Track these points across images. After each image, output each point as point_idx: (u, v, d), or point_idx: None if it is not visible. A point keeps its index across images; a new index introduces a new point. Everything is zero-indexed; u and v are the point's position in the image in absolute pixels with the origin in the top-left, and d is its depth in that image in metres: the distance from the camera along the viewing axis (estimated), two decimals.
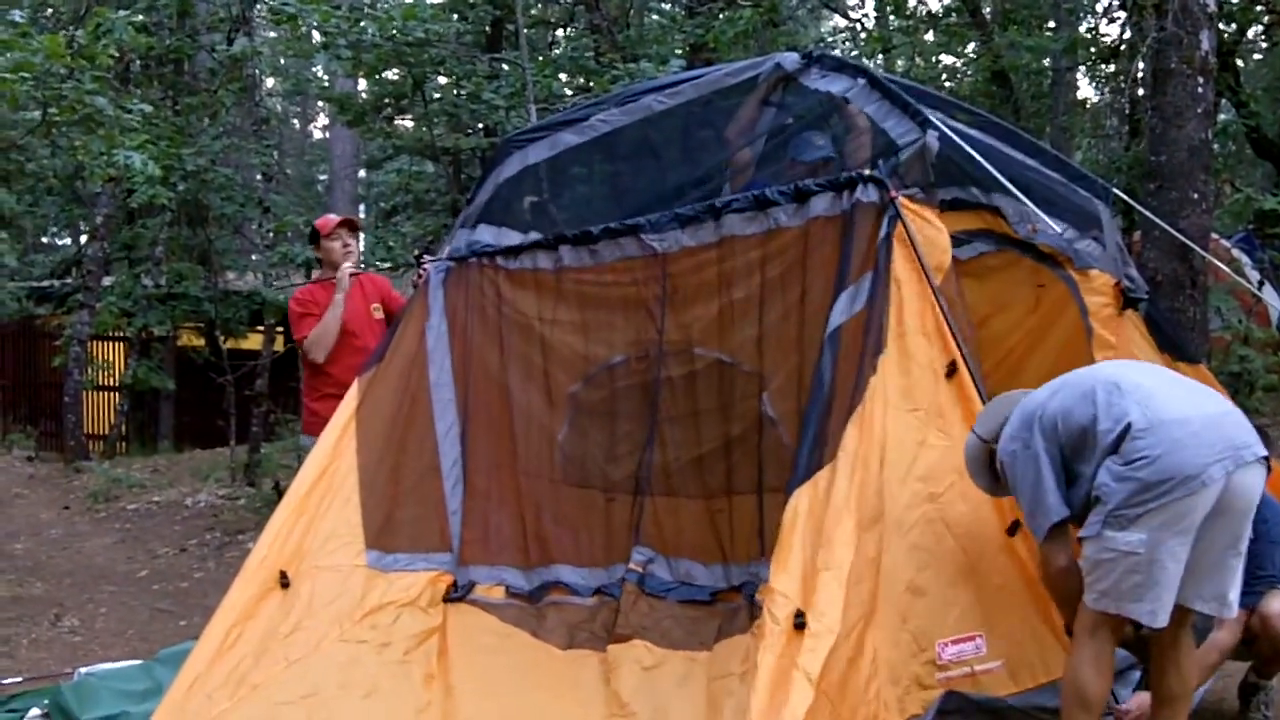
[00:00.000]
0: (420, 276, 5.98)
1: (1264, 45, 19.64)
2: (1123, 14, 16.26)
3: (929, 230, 4.89)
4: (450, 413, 5.75)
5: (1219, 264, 7.76)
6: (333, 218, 7.13)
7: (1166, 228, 7.54)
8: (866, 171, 4.89)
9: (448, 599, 5.44)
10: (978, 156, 5.06)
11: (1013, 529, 4.64)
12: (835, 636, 4.12)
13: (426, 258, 6.11)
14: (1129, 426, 4.01)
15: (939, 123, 5.02)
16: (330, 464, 5.53)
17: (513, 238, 5.91)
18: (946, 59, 18.85)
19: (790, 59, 5.49)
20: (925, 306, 4.75)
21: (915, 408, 4.67)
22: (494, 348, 5.81)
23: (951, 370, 4.72)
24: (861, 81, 5.27)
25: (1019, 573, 4.64)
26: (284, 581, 5.21)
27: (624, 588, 5.37)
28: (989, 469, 4.50)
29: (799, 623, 4.13)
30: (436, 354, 5.79)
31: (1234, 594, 4.17)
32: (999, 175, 5.09)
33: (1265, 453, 4.09)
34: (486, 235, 5.92)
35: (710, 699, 4.77)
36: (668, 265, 5.41)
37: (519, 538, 5.70)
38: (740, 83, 5.64)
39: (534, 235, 5.89)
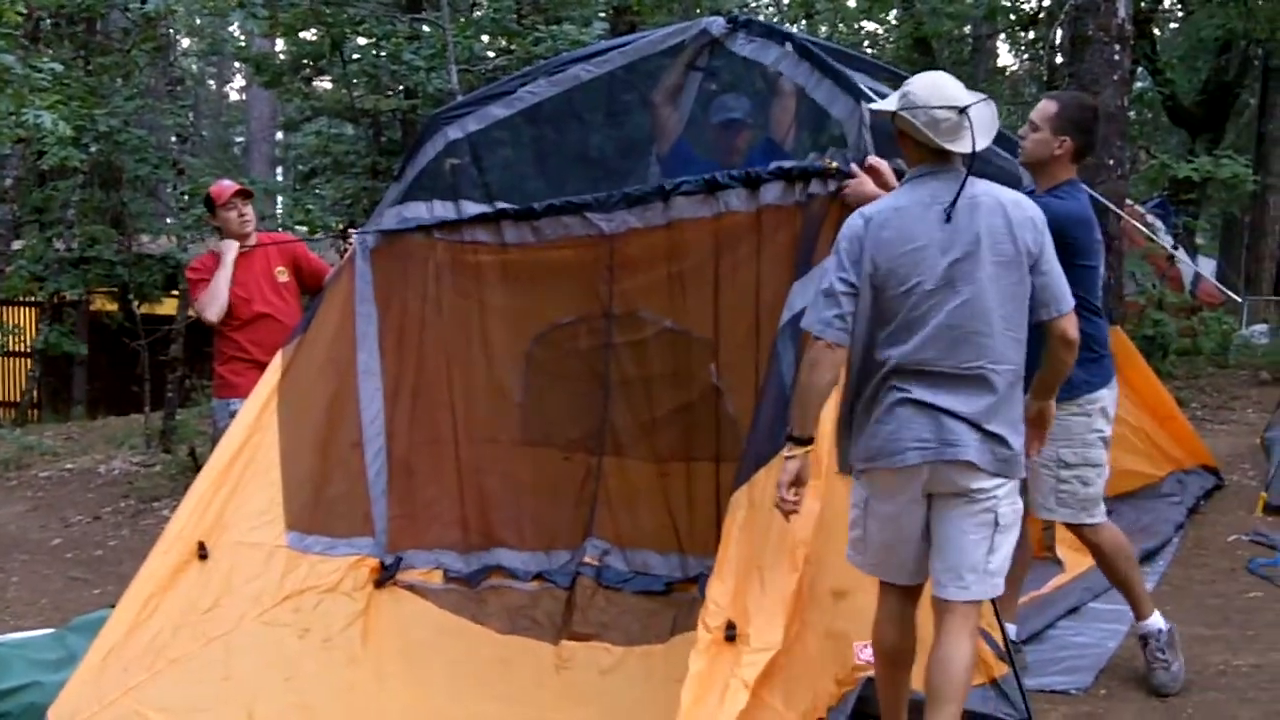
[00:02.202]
0: (347, 249, 5.91)
1: (1180, 14, 19.88)
2: None
3: None
4: (377, 399, 5.71)
5: (1138, 225, 7.86)
6: (227, 185, 7.00)
7: (1092, 192, 7.61)
8: (829, 163, 4.76)
9: (378, 584, 5.42)
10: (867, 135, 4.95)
11: None
12: (775, 652, 4.13)
13: (353, 231, 6.05)
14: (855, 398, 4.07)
15: (866, 90, 4.98)
16: (252, 436, 5.47)
17: (446, 209, 5.81)
18: (869, 25, 18.92)
19: (717, 24, 5.43)
20: None
21: None
22: (436, 322, 5.74)
23: None
24: (790, 49, 5.22)
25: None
26: (202, 553, 5.17)
27: (579, 582, 5.33)
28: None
29: (730, 634, 4.16)
30: (366, 338, 5.74)
31: (968, 570, 3.97)
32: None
33: (968, 457, 3.89)
34: (420, 211, 5.82)
35: (668, 701, 4.75)
36: (614, 245, 5.33)
37: (459, 518, 5.66)
38: (667, 48, 5.57)
39: (466, 204, 5.79)
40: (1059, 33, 12.31)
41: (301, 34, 13.46)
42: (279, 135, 27.04)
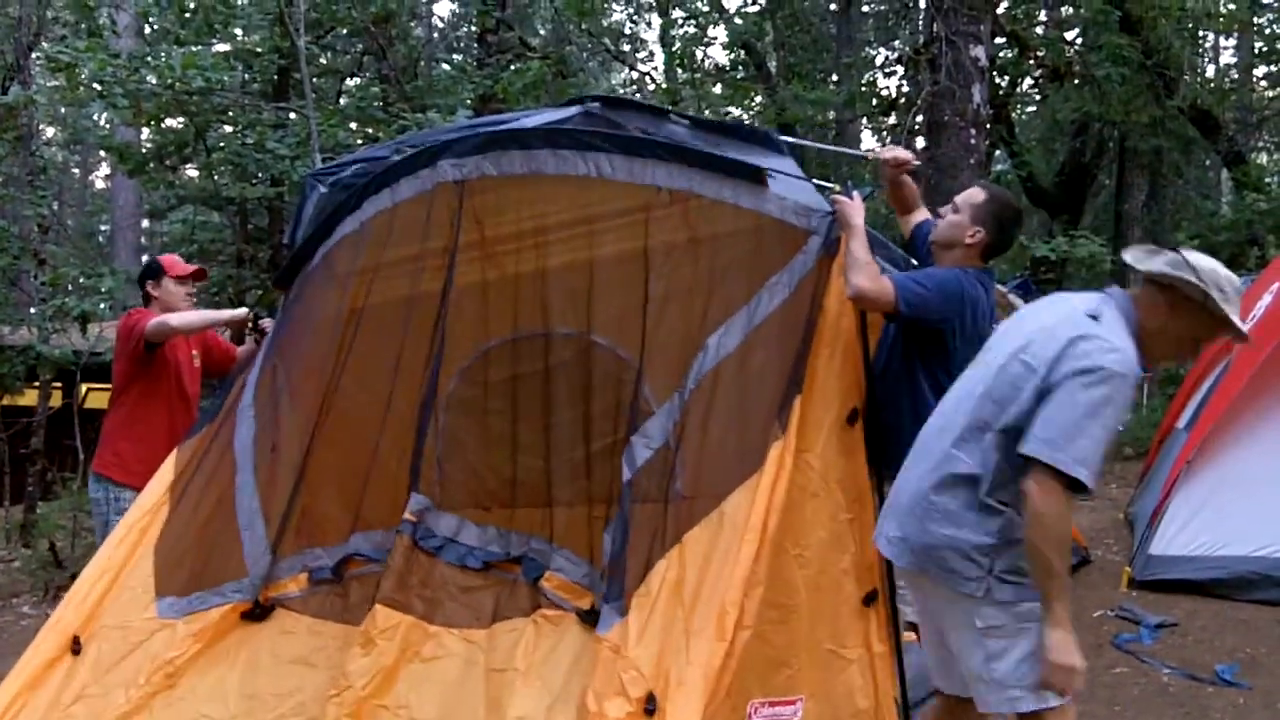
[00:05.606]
0: (261, 338, 5.73)
1: (1037, 97, 20.50)
2: (899, 68, 16.86)
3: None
4: (249, 423, 5.33)
5: (1000, 305, 7.99)
6: (181, 261, 6.79)
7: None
8: (834, 191, 4.62)
9: (247, 616, 5.02)
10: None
11: (869, 598, 4.33)
12: None
13: (265, 322, 5.90)
14: None
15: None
16: (139, 521, 5.21)
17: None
18: (734, 111, 19.22)
19: (596, 106, 5.38)
20: (841, 344, 4.45)
21: (804, 450, 4.35)
22: (330, 330, 5.31)
23: (853, 417, 4.42)
24: (682, 122, 5.16)
25: (863, 642, 4.32)
26: (75, 648, 4.91)
27: (397, 540, 4.89)
28: None
29: (650, 709, 4.01)
30: (251, 376, 5.42)
31: (974, 678, 3.76)
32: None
33: (899, 562, 3.89)
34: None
35: (490, 695, 4.51)
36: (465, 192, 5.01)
37: (334, 513, 5.21)
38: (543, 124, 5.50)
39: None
40: (919, 119, 12.63)
41: (165, 122, 13.34)
42: (144, 223, 26.67)
